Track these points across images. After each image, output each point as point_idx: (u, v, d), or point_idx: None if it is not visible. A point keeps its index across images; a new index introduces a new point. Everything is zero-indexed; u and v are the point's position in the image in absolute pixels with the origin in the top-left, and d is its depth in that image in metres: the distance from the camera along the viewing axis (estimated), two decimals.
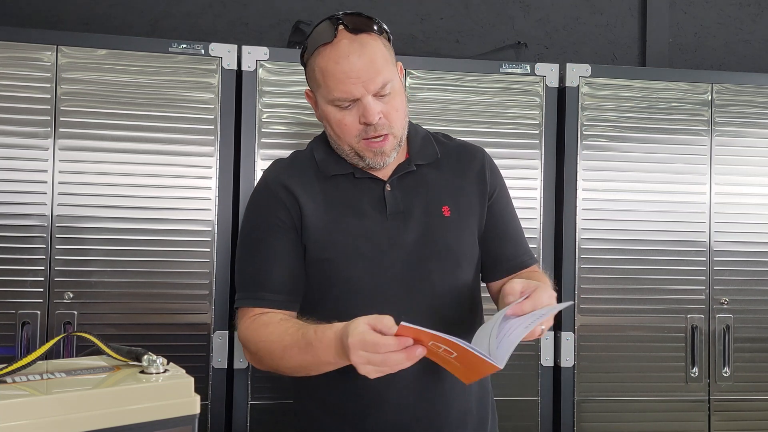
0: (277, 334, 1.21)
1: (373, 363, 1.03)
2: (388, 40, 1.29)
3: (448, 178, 1.36)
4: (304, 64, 1.31)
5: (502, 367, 1.02)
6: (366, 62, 1.22)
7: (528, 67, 2.10)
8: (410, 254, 1.29)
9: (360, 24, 1.24)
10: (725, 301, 2.15)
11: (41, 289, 1.85)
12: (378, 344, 1.02)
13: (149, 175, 1.91)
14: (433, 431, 1.30)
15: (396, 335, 1.01)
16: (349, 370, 1.19)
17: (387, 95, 1.25)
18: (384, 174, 1.32)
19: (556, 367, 2.10)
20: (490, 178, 1.39)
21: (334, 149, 1.33)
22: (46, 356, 1.02)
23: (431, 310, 1.28)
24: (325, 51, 1.23)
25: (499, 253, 1.39)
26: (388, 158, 1.29)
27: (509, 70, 2.10)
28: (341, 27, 1.23)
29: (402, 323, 0.99)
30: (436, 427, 1.30)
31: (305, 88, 1.36)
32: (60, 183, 1.86)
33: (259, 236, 1.31)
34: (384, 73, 1.23)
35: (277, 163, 1.38)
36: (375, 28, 1.25)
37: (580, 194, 2.10)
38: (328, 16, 1.26)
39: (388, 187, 1.31)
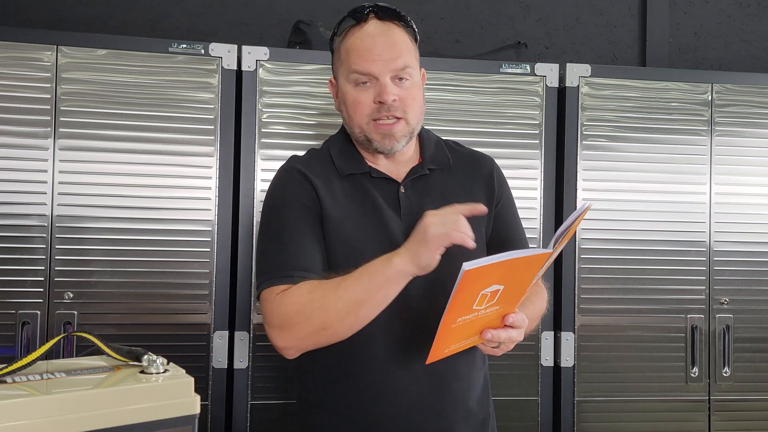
0: (329, 281, 1.22)
1: (446, 223, 1.13)
2: (415, 39, 1.35)
3: (459, 183, 1.40)
4: (332, 50, 1.38)
5: (552, 250, 1.10)
6: (389, 44, 1.29)
7: (528, 67, 2.10)
8: None
9: (389, 13, 1.32)
10: (725, 301, 2.15)
11: (41, 289, 1.85)
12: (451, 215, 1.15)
13: (149, 175, 1.91)
14: (438, 427, 1.31)
15: (460, 284, 1.03)
16: (357, 365, 1.26)
17: (406, 81, 1.30)
18: (398, 176, 1.36)
19: (556, 367, 2.10)
20: (498, 185, 1.43)
21: (351, 143, 1.37)
22: (46, 356, 1.02)
23: (441, 307, 1.28)
24: (353, 31, 1.31)
25: None
26: (397, 143, 1.32)
27: (509, 70, 2.10)
28: (371, 14, 1.31)
29: (464, 267, 1.01)
30: (441, 423, 1.32)
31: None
32: (60, 183, 1.87)
33: (284, 218, 1.31)
34: (405, 57, 1.30)
35: (295, 157, 1.41)
36: (403, 21, 1.33)
37: (580, 194, 2.10)
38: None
39: (402, 189, 1.35)
